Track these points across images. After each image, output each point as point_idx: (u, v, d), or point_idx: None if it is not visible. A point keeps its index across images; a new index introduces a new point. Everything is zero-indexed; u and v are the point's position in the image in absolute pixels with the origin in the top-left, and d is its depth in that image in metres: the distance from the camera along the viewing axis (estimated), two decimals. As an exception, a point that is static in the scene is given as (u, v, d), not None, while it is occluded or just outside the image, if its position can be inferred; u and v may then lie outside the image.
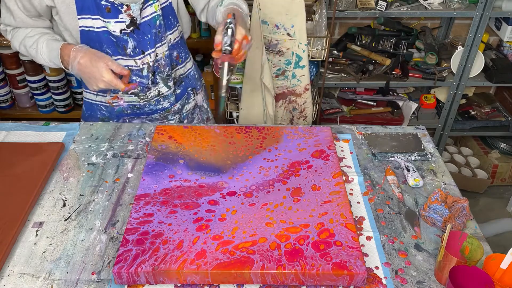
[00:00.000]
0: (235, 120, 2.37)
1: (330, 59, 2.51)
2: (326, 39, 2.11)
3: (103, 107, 1.47)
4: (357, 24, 2.65)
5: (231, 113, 2.38)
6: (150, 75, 1.40)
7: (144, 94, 1.43)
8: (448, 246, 1.04)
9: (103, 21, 1.29)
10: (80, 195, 1.23)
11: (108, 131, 1.46)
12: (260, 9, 1.95)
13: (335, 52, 2.52)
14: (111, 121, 1.53)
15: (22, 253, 1.07)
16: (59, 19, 1.33)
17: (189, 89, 1.55)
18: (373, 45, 2.52)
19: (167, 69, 1.43)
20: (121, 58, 1.36)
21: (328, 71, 2.48)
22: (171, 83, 1.45)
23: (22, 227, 1.12)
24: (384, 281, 1.03)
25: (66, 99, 2.58)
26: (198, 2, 1.46)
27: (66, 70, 1.34)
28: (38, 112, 2.65)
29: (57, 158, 1.33)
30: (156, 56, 1.39)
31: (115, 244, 1.09)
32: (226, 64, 1.18)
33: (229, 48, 1.16)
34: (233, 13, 1.22)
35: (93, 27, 1.30)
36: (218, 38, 1.18)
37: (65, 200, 1.21)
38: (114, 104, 1.45)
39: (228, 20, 1.19)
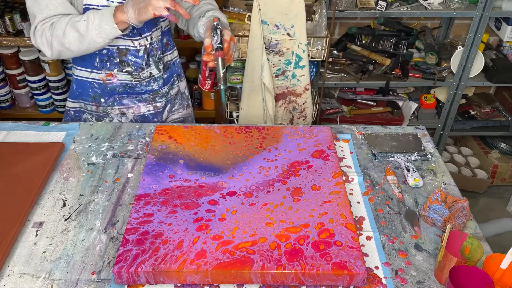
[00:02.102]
0: (235, 120, 2.37)
1: (330, 59, 2.51)
2: (326, 39, 2.11)
3: (96, 85, 1.53)
4: (357, 24, 2.65)
5: (231, 113, 2.37)
6: (145, 57, 1.50)
7: (137, 74, 1.52)
8: (448, 246, 1.04)
9: None
10: (80, 195, 1.23)
11: (108, 131, 1.46)
12: (260, 9, 1.95)
13: (335, 52, 2.52)
14: (107, 121, 1.57)
15: (22, 253, 1.07)
16: None
17: (175, 75, 1.66)
18: (373, 45, 2.52)
19: (159, 52, 1.54)
20: (120, 38, 1.43)
21: (328, 71, 2.48)
22: (161, 67, 1.57)
23: (22, 227, 1.12)
24: (384, 281, 1.03)
25: (66, 99, 2.57)
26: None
27: (118, 31, 1.35)
28: (38, 112, 2.64)
29: (57, 158, 1.33)
30: (151, 39, 1.49)
31: (115, 244, 1.09)
32: (220, 59, 1.27)
33: (220, 45, 1.27)
34: (218, 17, 1.34)
35: (97, 5, 1.39)
36: (207, 41, 1.30)
37: (65, 200, 1.21)
38: (108, 81, 1.52)
39: (215, 23, 1.30)
